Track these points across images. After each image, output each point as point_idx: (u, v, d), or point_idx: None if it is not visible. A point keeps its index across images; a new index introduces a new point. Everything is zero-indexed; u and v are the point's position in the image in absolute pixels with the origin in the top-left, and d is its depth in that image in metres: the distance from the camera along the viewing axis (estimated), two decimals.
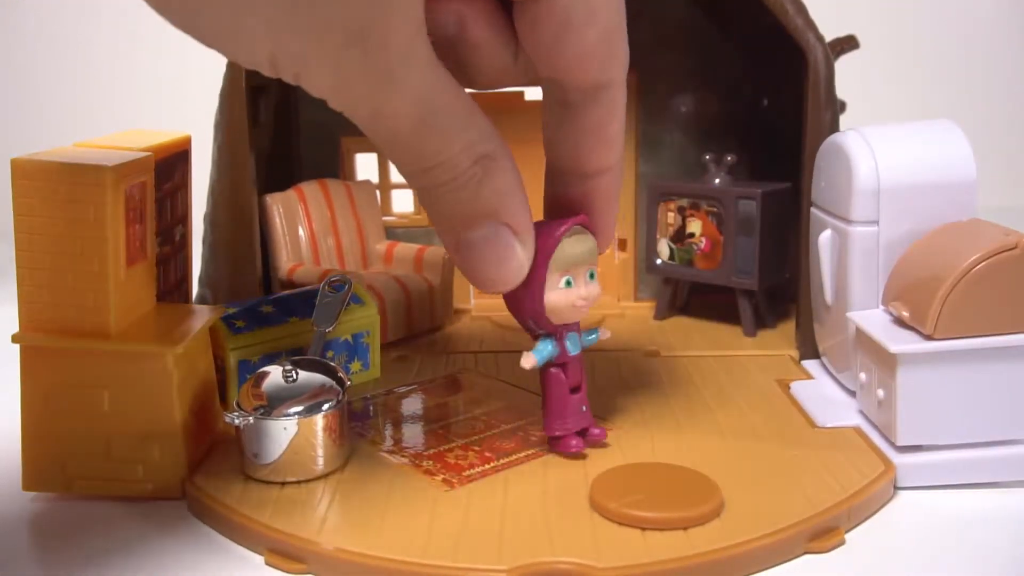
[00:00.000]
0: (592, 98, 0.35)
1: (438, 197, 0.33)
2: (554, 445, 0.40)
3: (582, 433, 0.40)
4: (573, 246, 0.37)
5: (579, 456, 0.40)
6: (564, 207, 0.38)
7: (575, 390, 0.40)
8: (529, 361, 0.38)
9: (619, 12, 0.33)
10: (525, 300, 0.37)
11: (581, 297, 0.38)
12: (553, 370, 0.39)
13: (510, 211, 0.34)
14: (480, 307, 0.62)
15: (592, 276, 0.38)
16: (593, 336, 0.41)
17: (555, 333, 0.39)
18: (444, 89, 0.31)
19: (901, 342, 0.39)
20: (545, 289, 0.37)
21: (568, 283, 0.37)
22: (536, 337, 0.39)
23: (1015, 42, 1.11)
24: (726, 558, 0.33)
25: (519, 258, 0.35)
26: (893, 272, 0.43)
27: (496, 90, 0.37)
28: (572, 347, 0.39)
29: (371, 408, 0.46)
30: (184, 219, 0.47)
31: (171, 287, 0.46)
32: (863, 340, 0.42)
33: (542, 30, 0.32)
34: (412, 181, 0.33)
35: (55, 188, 0.36)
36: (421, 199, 0.34)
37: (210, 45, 0.29)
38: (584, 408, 0.40)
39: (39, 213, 0.36)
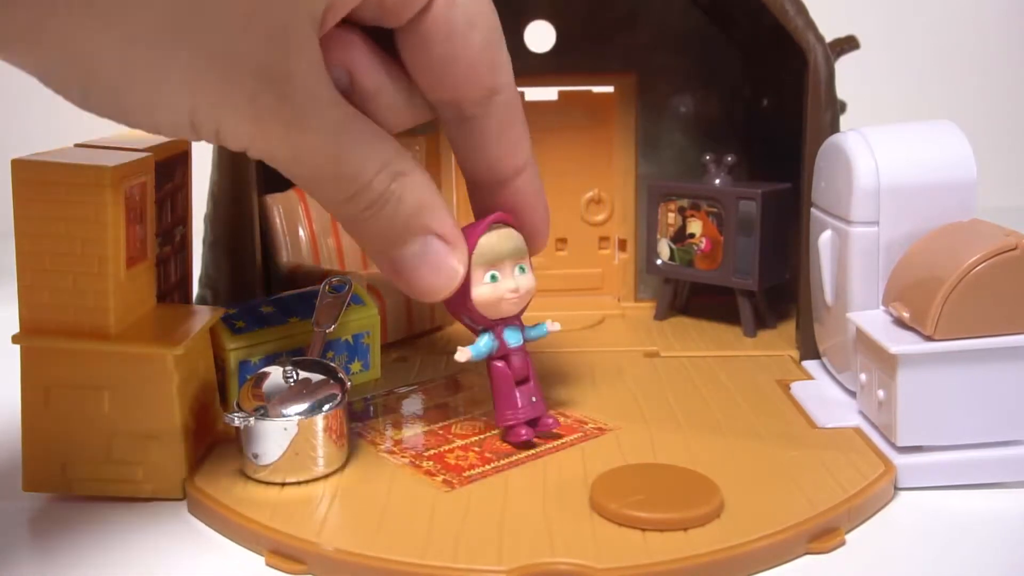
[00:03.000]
0: (488, 106, 0.36)
1: (364, 221, 0.35)
2: (505, 435, 0.41)
3: (533, 423, 0.41)
4: (493, 241, 0.38)
5: (529, 445, 0.41)
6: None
7: (522, 381, 0.41)
8: (464, 355, 0.39)
9: (493, 17, 0.35)
10: (456, 298, 0.38)
11: (509, 290, 0.38)
12: (497, 363, 0.40)
13: (435, 221, 0.35)
14: None
15: (522, 270, 0.39)
16: (540, 330, 0.42)
17: (492, 328, 0.40)
18: (352, 119, 0.33)
19: (901, 343, 0.39)
20: (471, 285, 0.38)
21: (493, 277, 0.38)
22: (476, 333, 0.40)
23: (1015, 42, 1.10)
24: (726, 559, 0.33)
25: (453, 264, 0.36)
26: (893, 272, 0.43)
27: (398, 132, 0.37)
28: (511, 339, 0.40)
29: (371, 408, 0.46)
30: (184, 219, 0.47)
31: (171, 287, 0.46)
32: (863, 340, 0.42)
33: (430, 47, 0.33)
34: (337, 211, 0.35)
35: (55, 188, 0.36)
36: (348, 229, 0.36)
37: (134, 123, 0.30)
38: (534, 399, 0.41)
39: (39, 213, 0.36)
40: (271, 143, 0.32)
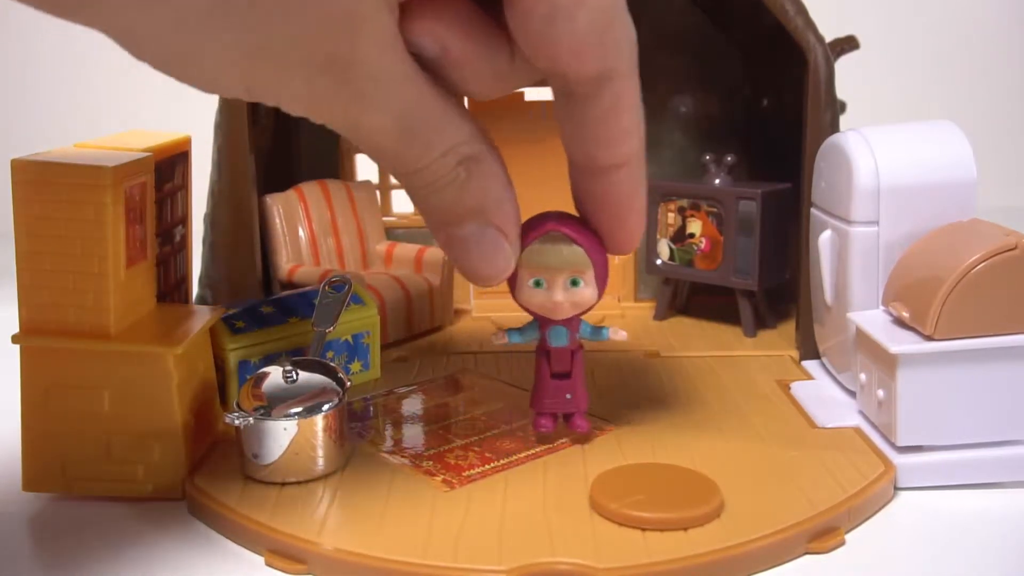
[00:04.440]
0: (596, 91, 0.33)
1: (423, 197, 0.33)
2: (533, 420, 0.42)
3: (566, 418, 0.41)
4: (541, 252, 0.38)
5: (548, 437, 0.41)
6: (585, 203, 0.38)
7: (559, 376, 0.41)
8: (500, 339, 0.41)
9: None
10: (512, 288, 0.39)
11: (552, 300, 0.38)
12: (539, 354, 0.41)
13: (495, 210, 0.34)
14: (480, 307, 0.62)
15: (575, 283, 0.38)
16: (600, 334, 0.42)
17: (541, 322, 0.40)
18: (423, 100, 0.31)
19: (901, 342, 0.39)
20: (515, 285, 0.39)
21: (537, 283, 0.38)
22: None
23: (1015, 42, 1.10)
24: (726, 558, 0.33)
25: (505, 255, 0.35)
26: (893, 272, 0.43)
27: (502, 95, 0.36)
28: (554, 340, 0.40)
29: (371, 408, 0.46)
30: (184, 219, 0.47)
31: (171, 287, 0.46)
32: (863, 340, 0.42)
33: (529, 24, 0.31)
34: (398, 180, 0.34)
35: (55, 188, 0.36)
36: (409, 195, 0.34)
37: (189, 82, 0.29)
38: (569, 396, 0.41)
39: (39, 213, 0.37)
40: (331, 117, 0.31)
